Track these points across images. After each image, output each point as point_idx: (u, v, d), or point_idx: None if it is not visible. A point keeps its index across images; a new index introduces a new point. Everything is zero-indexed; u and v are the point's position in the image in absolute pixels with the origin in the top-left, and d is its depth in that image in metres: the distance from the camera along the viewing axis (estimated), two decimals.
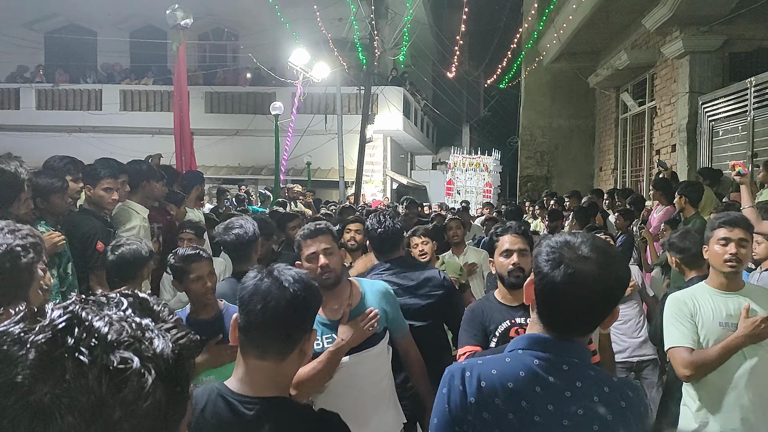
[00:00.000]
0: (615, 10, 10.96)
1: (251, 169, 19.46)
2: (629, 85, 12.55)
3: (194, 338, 0.84)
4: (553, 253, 1.46)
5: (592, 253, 1.43)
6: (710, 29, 8.82)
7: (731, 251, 2.72)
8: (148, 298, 0.84)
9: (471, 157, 20.37)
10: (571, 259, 1.43)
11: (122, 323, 0.76)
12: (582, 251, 1.44)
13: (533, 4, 15.02)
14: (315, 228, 2.75)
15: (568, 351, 1.47)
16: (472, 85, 27.94)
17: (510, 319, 2.71)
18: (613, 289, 1.45)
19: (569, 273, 1.41)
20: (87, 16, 20.82)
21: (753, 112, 7.71)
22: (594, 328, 1.51)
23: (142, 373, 0.73)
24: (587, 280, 1.41)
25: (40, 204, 3.49)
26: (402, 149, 24.22)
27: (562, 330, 1.48)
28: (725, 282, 2.78)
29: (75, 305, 0.77)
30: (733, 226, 2.78)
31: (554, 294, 1.45)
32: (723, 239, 2.76)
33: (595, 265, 1.42)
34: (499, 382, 1.45)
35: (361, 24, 15.60)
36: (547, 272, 1.44)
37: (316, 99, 18.22)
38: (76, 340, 0.72)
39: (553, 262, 1.44)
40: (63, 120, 19.38)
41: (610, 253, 1.47)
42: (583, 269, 1.41)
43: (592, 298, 1.43)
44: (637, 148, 12.58)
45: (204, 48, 21.24)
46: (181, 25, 5.38)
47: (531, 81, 16.49)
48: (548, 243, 1.50)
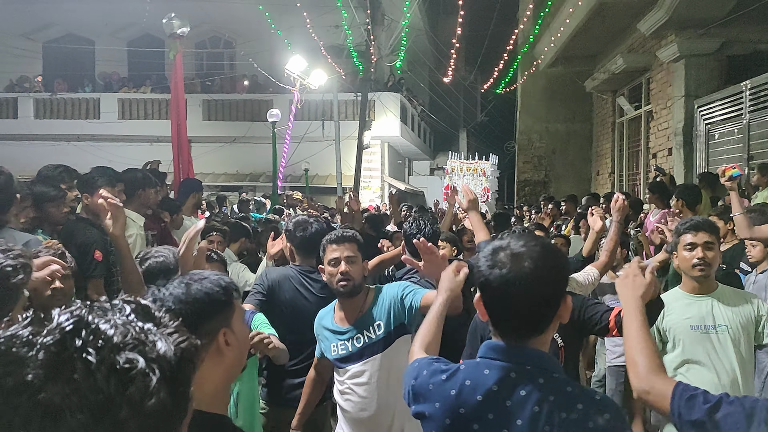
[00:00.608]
0: (610, 14, 11.00)
1: (249, 176, 19.47)
2: (625, 89, 12.60)
3: (195, 342, 0.87)
4: (489, 258, 1.45)
5: (523, 249, 1.42)
6: (706, 32, 8.86)
7: (698, 255, 2.75)
8: (150, 305, 0.87)
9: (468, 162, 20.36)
10: (503, 261, 1.42)
11: (126, 326, 0.79)
12: (514, 250, 1.43)
13: (528, 9, 15.08)
14: (342, 234, 2.82)
15: (518, 356, 1.44)
16: (468, 90, 27.98)
17: None
18: (552, 284, 1.43)
19: (503, 274, 1.40)
20: (85, 25, 20.86)
21: (749, 115, 7.74)
22: (545, 327, 1.46)
23: (147, 373, 0.76)
24: (523, 278, 1.39)
25: (35, 213, 3.49)
26: (399, 155, 24.25)
27: (514, 335, 1.46)
28: (696, 286, 2.81)
29: (81, 310, 0.80)
30: (697, 231, 2.81)
31: (495, 298, 1.44)
32: (689, 244, 2.79)
33: (529, 262, 1.40)
34: (448, 390, 1.47)
35: (358, 31, 15.65)
36: (485, 278, 1.44)
37: (313, 106, 18.25)
38: (83, 342, 0.75)
39: (488, 267, 1.44)
40: (61, 129, 19.38)
41: (541, 246, 1.45)
42: (517, 268, 1.40)
43: (532, 296, 1.41)
44: (634, 151, 12.62)
45: (201, 56, 21.28)
46: (177, 33, 5.40)
47: (527, 85, 16.54)
48: (483, 252, 1.49)
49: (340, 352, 2.76)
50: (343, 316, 2.80)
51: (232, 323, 1.53)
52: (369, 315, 2.75)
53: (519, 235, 1.51)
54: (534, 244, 1.44)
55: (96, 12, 19.94)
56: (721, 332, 2.68)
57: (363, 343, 2.72)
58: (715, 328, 2.69)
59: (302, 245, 3.44)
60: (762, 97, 7.50)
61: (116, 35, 21.00)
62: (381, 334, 2.71)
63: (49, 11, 20.27)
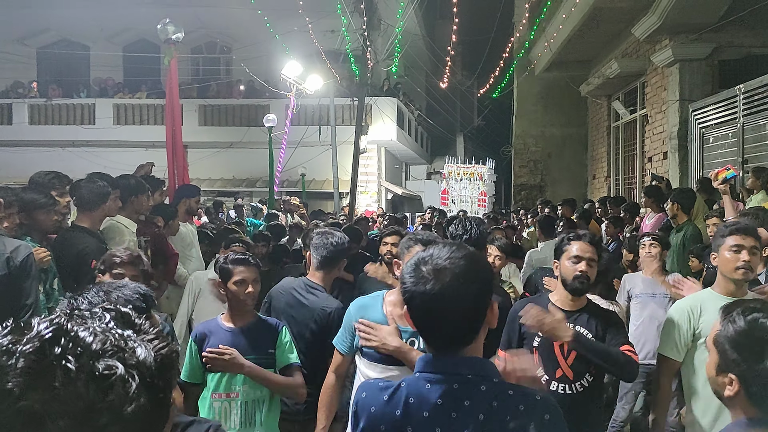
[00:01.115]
0: (605, 19, 11.06)
1: (246, 181, 19.46)
2: (620, 93, 12.65)
3: (175, 348, 0.89)
4: (412, 272, 1.45)
5: (446, 262, 1.42)
6: (699, 37, 8.91)
7: (744, 258, 2.72)
8: (130, 312, 0.89)
9: (465, 166, 20.38)
10: (425, 277, 1.42)
11: (106, 334, 0.80)
12: (435, 264, 1.43)
13: (524, 14, 15.13)
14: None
15: (456, 367, 1.43)
16: (465, 94, 28.05)
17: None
18: (475, 297, 1.43)
19: (425, 290, 1.40)
20: (80, 30, 20.85)
21: (742, 118, 7.77)
22: (473, 335, 1.46)
23: (127, 379, 0.77)
24: (445, 291, 1.39)
25: (23, 220, 3.47)
26: (396, 159, 24.26)
27: (443, 346, 1.45)
28: (733, 288, 2.78)
29: (60, 318, 0.81)
30: (746, 234, 2.78)
31: (420, 313, 1.44)
32: (735, 246, 2.75)
33: (451, 277, 1.40)
34: (392, 411, 1.45)
35: (354, 36, 15.67)
36: (409, 295, 1.44)
37: (309, 110, 18.26)
38: (62, 350, 0.76)
39: (412, 283, 1.43)
40: (56, 135, 19.34)
41: (465, 258, 1.45)
42: (439, 282, 1.40)
43: (456, 308, 1.41)
44: (630, 155, 12.66)
45: (197, 61, 21.27)
46: (172, 39, 5.40)
47: (523, 90, 16.59)
48: (407, 264, 1.49)
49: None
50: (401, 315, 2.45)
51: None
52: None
53: (443, 246, 1.50)
54: (458, 257, 1.44)
55: (91, 17, 19.94)
56: None
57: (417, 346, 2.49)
58: None
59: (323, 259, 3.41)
60: (756, 101, 7.54)
61: (111, 40, 20.99)
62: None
63: (44, 17, 20.25)
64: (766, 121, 7.37)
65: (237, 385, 2.87)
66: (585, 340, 2.59)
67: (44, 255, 3.25)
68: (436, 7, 24.43)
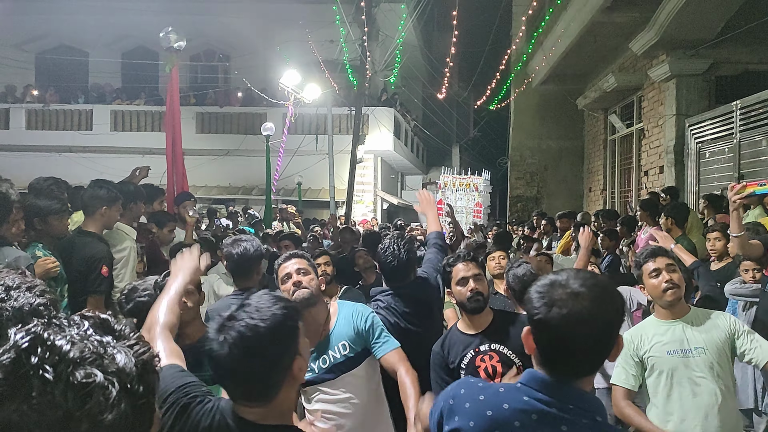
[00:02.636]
0: (602, 33, 11.14)
1: (242, 189, 19.45)
2: (617, 107, 12.71)
3: (156, 353, 0.89)
4: (543, 295, 1.41)
5: (583, 289, 1.38)
6: (696, 53, 8.98)
7: (665, 279, 2.75)
8: (109, 319, 0.88)
9: (461, 177, 20.42)
10: (562, 299, 1.38)
11: (84, 341, 0.80)
12: (572, 288, 1.39)
13: (521, 27, 15.24)
14: (289, 253, 2.83)
15: (564, 395, 1.41)
16: (461, 106, 28.17)
17: (474, 348, 2.74)
18: (611, 322, 1.40)
19: (563, 314, 1.36)
20: (79, 36, 20.87)
21: (739, 134, 7.83)
22: (598, 366, 1.45)
23: (106, 386, 0.77)
24: (583, 317, 1.36)
25: (38, 225, 3.47)
26: (392, 169, 24.30)
27: (565, 373, 1.42)
28: (668, 312, 2.81)
29: (37, 327, 0.81)
30: (655, 257, 2.82)
31: (551, 337, 1.40)
32: (653, 271, 2.80)
33: (589, 301, 1.37)
34: (484, 410, 1.45)
35: (352, 46, 15.74)
36: (541, 317, 1.39)
37: (307, 120, 18.30)
38: (39, 359, 0.76)
39: (545, 306, 1.39)
40: (53, 140, 19.30)
41: (600, 285, 1.42)
42: (577, 307, 1.36)
43: (591, 335, 1.37)
44: (626, 169, 12.71)
45: (196, 69, 21.32)
46: (174, 47, 5.42)
47: (520, 102, 16.67)
48: (536, 287, 1.45)
49: (306, 374, 2.69)
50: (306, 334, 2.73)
51: (300, 348, 1.54)
52: (332, 335, 2.71)
53: (576, 272, 1.46)
54: (593, 283, 1.41)
55: (90, 24, 19.97)
56: (698, 354, 2.67)
57: (329, 364, 2.66)
58: (692, 351, 2.68)
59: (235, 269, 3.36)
60: (752, 117, 7.59)
61: (110, 47, 21.01)
62: (348, 354, 2.67)
63: (43, 22, 20.28)
64: (762, 137, 7.42)
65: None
66: None
67: (53, 266, 3.22)
68: (434, 19, 24.57)
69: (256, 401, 1.47)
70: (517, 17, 16.47)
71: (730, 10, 8.21)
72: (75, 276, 3.56)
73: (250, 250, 3.30)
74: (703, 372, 2.66)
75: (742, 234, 3.79)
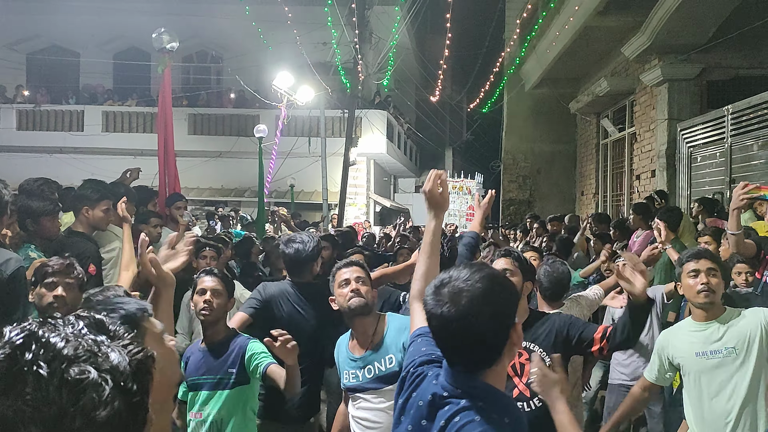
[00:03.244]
0: (595, 38, 11.19)
1: (234, 191, 19.40)
2: (609, 111, 12.77)
3: (150, 353, 0.89)
4: (433, 293, 1.46)
5: (466, 284, 1.42)
6: (688, 58, 9.03)
7: (702, 281, 2.78)
8: (104, 319, 0.89)
9: (454, 180, 20.45)
10: (444, 300, 1.43)
11: (78, 339, 0.81)
12: (455, 287, 1.43)
13: (515, 31, 15.29)
14: (350, 260, 2.92)
15: (457, 382, 1.47)
16: (455, 109, 28.22)
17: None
18: (498, 314, 1.43)
19: (443, 312, 1.41)
20: (70, 37, 20.77)
21: (730, 139, 7.87)
22: (494, 358, 1.46)
23: (100, 383, 0.78)
24: (462, 317, 1.40)
25: (30, 226, 3.45)
26: (385, 172, 24.31)
27: (462, 368, 1.48)
28: (702, 313, 2.83)
29: (31, 324, 0.82)
30: (699, 258, 2.85)
31: (440, 334, 1.46)
32: (692, 272, 2.82)
33: (471, 297, 1.40)
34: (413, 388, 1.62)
35: (346, 48, 15.73)
36: (430, 314, 1.46)
37: (300, 122, 18.28)
38: (33, 355, 0.77)
39: (436, 304, 1.44)
40: (44, 141, 19.18)
41: (487, 282, 1.44)
42: (456, 306, 1.41)
43: (477, 330, 1.40)
44: (618, 172, 12.76)
45: (188, 70, 21.25)
46: (167, 48, 5.37)
47: (513, 106, 16.72)
48: (429, 286, 1.51)
49: (351, 381, 2.74)
50: (354, 344, 2.78)
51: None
52: (381, 345, 2.73)
53: (464, 267, 1.49)
54: (477, 278, 1.43)
55: (82, 24, 19.88)
56: (728, 354, 2.69)
57: (373, 374, 2.69)
58: (721, 352, 2.70)
59: (290, 263, 3.45)
60: (743, 122, 7.64)
61: (102, 48, 20.93)
62: (393, 367, 2.67)
63: (35, 22, 20.17)
64: (753, 142, 7.46)
65: (202, 405, 2.88)
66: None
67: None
68: (428, 22, 24.61)
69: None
70: (510, 21, 16.53)
71: (721, 16, 8.26)
72: None
73: (303, 251, 3.41)
74: (731, 373, 2.68)
75: (739, 232, 3.80)
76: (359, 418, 2.71)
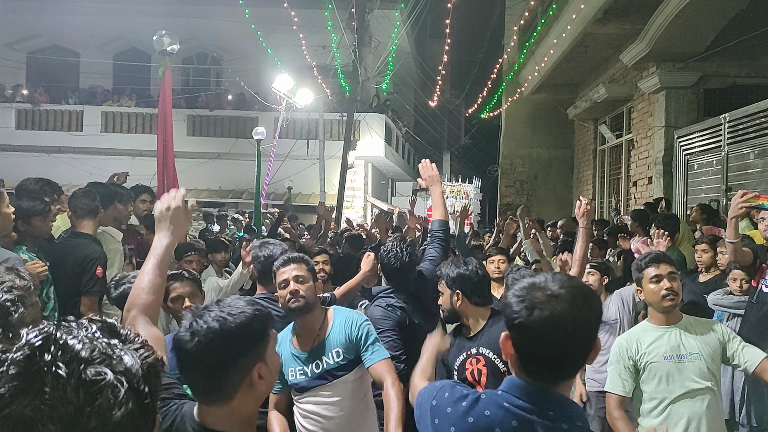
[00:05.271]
0: (593, 45, 11.23)
1: (232, 192, 19.39)
2: (607, 117, 12.81)
3: (160, 357, 0.92)
4: (523, 298, 1.39)
5: (562, 290, 1.37)
6: (686, 66, 9.08)
7: (666, 286, 2.81)
8: (115, 323, 0.92)
9: (452, 184, 20.51)
10: (542, 301, 1.36)
11: (93, 342, 0.84)
12: (551, 290, 1.38)
13: (514, 37, 15.34)
14: (289, 257, 2.82)
15: (543, 401, 1.40)
16: (453, 113, 28.28)
17: (466, 351, 2.77)
18: (591, 323, 1.40)
19: (545, 316, 1.35)
20: (70, 37, 20.77)
21: (727, 147, 7.91)
22: (577, 370, 1.45)
23: (115, 385, 0.80)
24: (564, 319, 1.35)
25: (21, 227, 3.45)
26: (383, 175, 24.32)
27: (544, 378, 1.41)
28: (664, 317, 2.87)
29: (49, 327, 0.84)
30: (659, 263, 2.88)
31: (531, 341, 1.38)
32: (654, 277, 2.85)
33: (568, 302, 1.36)
34: (465, 416, 1.46)
35: (345, 52, 15.76)
36: (522, 320, 1.37)
37: (298, 124, 18.29)
38: (52, 356, 0.80)
39: (525, 309, 1.37)
40: (43, 140, 19.16)
41: (579, 287, 1.42)
42: (558, 309, 1.35)
43: (572, 338, 1.36)
44: (615, 179, 12.79)
45: (187, 71, 21.25)
46: (167, 50, 5.39)
47: (511, 111, 16.74)
48: (514, 290, 1.44)
49: (298, 377, 2.72)
50: (300, 341, 2.76)
51: (266, 356, 1.51)
52: (327, 341, 2.74)
53: (554, 274, 1.46)
54: (572, 285, 1.40)
55: (82, 24, 19.87)
56: (693, 360, 2.74)
57: (322, 369, 2.71)
58: (687, 356, 2.75)
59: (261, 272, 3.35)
60: (740, 130, 7.67)
61: (102, 48, 20.92)
62: (341, 361, 2.71)
63: (35, 22, 20.16)
64: (749, 150, 7.50)
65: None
66: None
67: (42, 269, 3.20)
68: (427, 27, 24.66)
69: (213, 401, 1.47)
70: (509, 27, 16.56)
71: (719, 24, 8.31)
72: (70, 277, 3.56)
73: (276, 253, 3.25)
74: (697, 378, 2.72)
75: (737, 240, 3.84)
76: (309, 412, 2.70)
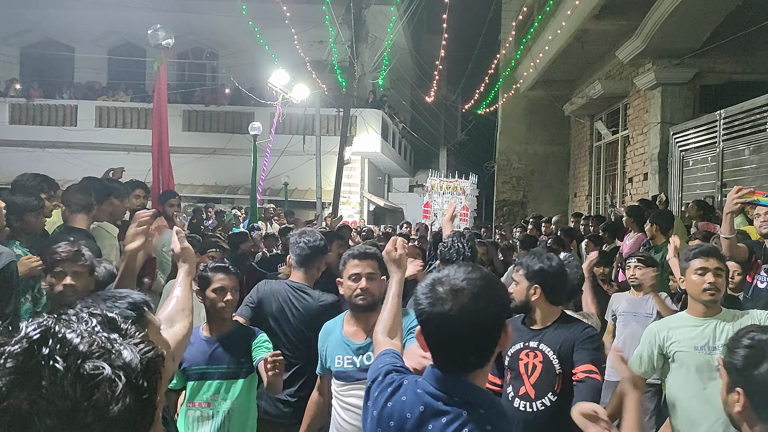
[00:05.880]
0: (590, 41, 11.23)
1: (228, 188, 19.36)
2: (603, 113, 12.82)
3: (161, 352, 0.91)
4: (427, 294, 1.44)
5: (463, 284, 1.42)
6: (681, 62, 9.09)
7: (709, 280, 2.80)
8: (116, 317, 0.91)
9: (448, 180, 20.47)
10: (443, 297, 1.41)
11: (92, 336, 0.83)
12: (452, 285, 1.42)
13: (511, 33, 15.32)
14: (364, 251, 2.82)
15: (450, 388, 1.45)
16: (449, 109, 28.23)
17: (525, 342, 2.74)
18: (494, 314, 1.43)
19: (444, 311, 1.40)
20: (65, 32, 20.67)
21: (722, 143, 7.92)
22: (486, 358, 1.47)
23: (113, 379, 0.80)
24: (464, 312, 1.39)
25: (14, 223, 3.43)
26: (379, 171, 24.32)
27: (452, 368, 1.46)
28: (703, 309, 2.86)
29: (47, 320, 0.84)
30: (708, 257, 2.86)
31: (436, 334, 1.43)
32: (700, 269, 2.84)
33: (469, 296, 1.40)
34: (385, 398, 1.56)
35: (341, 47, 15.73)
36: (426, 314, 1.43)
37: (294, 120, 18.26)
38: (50, 350, 0.79)
39: (429, 304, 1.43)
40: (37, 135, 19.09)
41: (483, 278, 1.45)
42: (458, 303, 1.39)
43: (474, 329, 1.41)
44: (611, 175, 12.82)
45: (183, 67, 21.18)
46: (162, 45, 5.38)
47: (508, 107, 16.74)
48: (421, 286, 1.49)
49: (345, 366, 2.69)
50: (355, 332, 2.74)
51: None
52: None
53: (457, 267, 1.49)
54: (474, 277, 1.44)
55: (77, 19, 19.78)
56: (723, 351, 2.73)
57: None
58: (718, 349, 2.72)
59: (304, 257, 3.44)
60: (735, 126, 7.69)
61: (97, 43, 20.82)
62: None
63: (29, 16, 20.04)
64: (744, 147, 7.52)
65: (212, 395, 2.87)
66: None
67: (36, 264, 3.19)
68: (424, 22, 24.63)
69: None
70: (506, 23, 16.55)
71: (715, 21, 8.32)
72: None
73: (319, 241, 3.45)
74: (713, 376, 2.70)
75: (732, 236, 3.84)
76: (351, 405, 2.65)
